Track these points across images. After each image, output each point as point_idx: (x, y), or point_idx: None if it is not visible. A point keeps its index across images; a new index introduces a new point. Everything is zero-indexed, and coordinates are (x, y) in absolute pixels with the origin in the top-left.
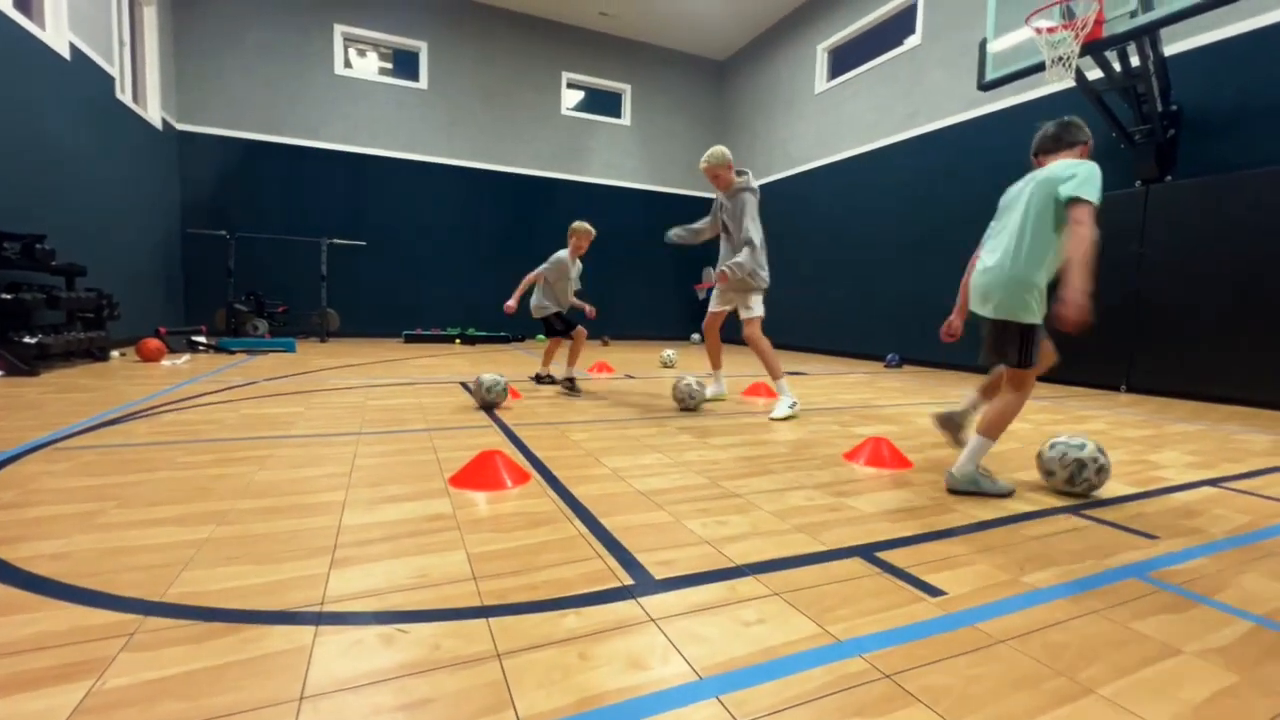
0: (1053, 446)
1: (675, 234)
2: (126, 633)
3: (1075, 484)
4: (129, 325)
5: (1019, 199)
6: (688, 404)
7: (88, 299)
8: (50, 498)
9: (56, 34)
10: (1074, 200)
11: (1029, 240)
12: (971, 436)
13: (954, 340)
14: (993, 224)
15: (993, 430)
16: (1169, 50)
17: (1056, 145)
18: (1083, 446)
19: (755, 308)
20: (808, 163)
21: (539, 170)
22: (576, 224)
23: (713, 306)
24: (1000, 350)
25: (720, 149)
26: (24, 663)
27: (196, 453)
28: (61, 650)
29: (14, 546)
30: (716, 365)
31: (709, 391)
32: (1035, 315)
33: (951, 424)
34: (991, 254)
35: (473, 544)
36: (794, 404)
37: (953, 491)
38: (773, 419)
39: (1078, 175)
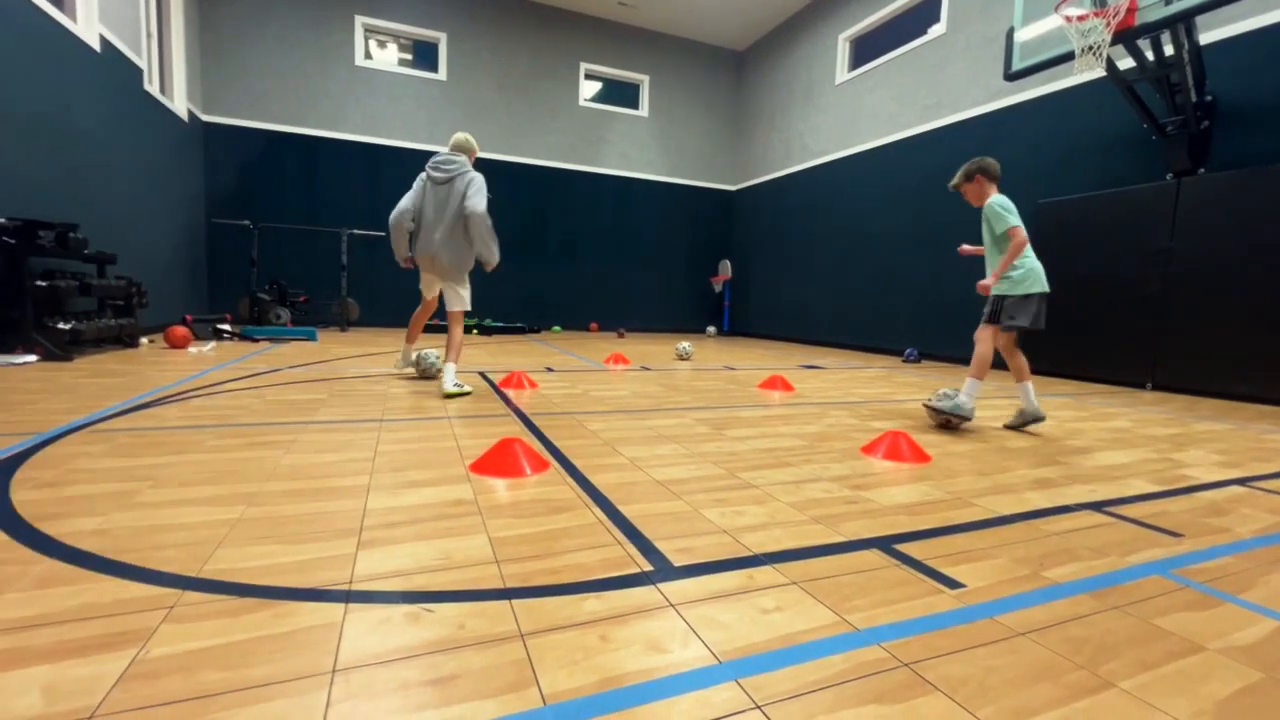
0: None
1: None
2: (166, 605)
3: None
4: (156, 313)
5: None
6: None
7: (118, 287)
8: (88, 477)
9: (87, 26)
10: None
11: None
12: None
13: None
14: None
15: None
16: (1204, 39)
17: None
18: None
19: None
20: (827, 155)
21: (556, 162)
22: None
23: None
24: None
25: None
26: (72, 631)
27: (225, 436)
28: (106, 620)
29: (56, 523)
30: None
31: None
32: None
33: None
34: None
35: (494, 528)
36: (459, 385)
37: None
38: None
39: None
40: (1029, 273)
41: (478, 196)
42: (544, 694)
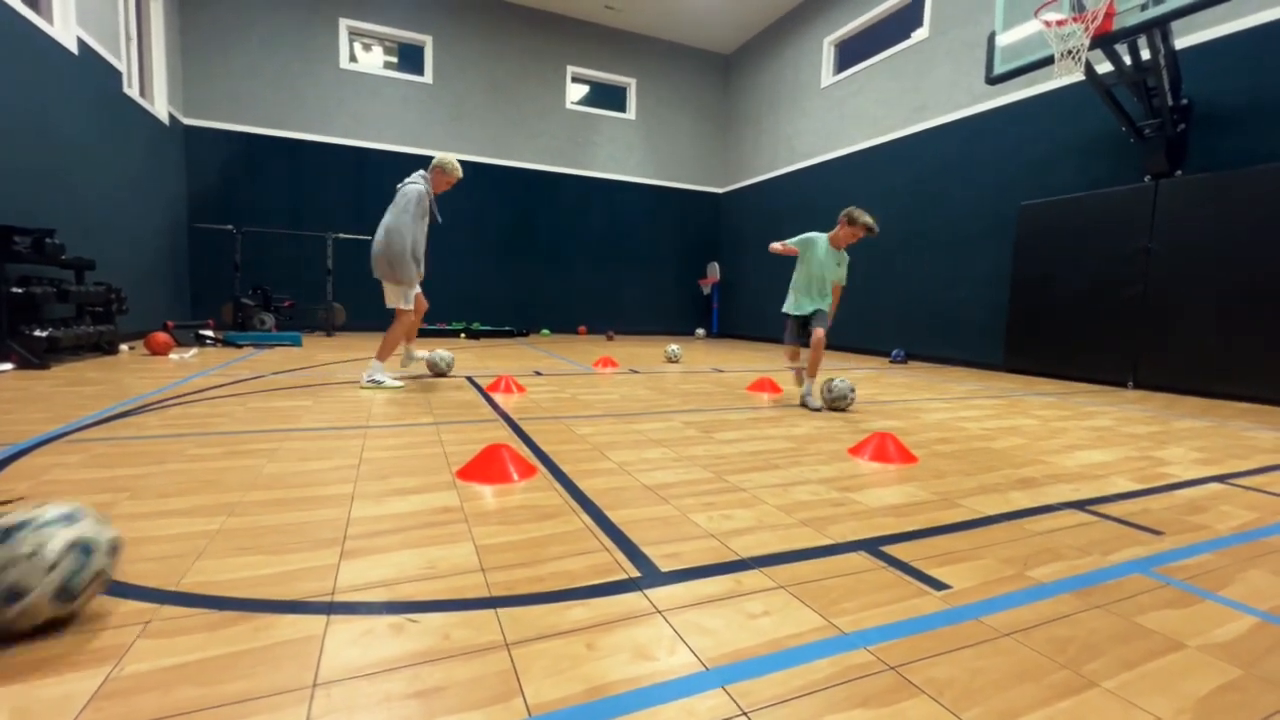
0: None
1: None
2: (142, 620)
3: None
4: (137, 319)
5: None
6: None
7: (97, 293)
8: (63, 489)
9: (64, 28)
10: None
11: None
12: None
13: None
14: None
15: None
16: (1180, 44)
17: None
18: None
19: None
20: (813, 157)
21: (543, 165)
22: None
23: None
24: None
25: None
26: (43, 649)
27: (206, 445)
28: (79, 637)
29: None
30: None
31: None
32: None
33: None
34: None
35: (480, 536)
36: (384, 381)
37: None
38: (363, 386)
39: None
40: None
41: (393, 210)
42: (529, 704)
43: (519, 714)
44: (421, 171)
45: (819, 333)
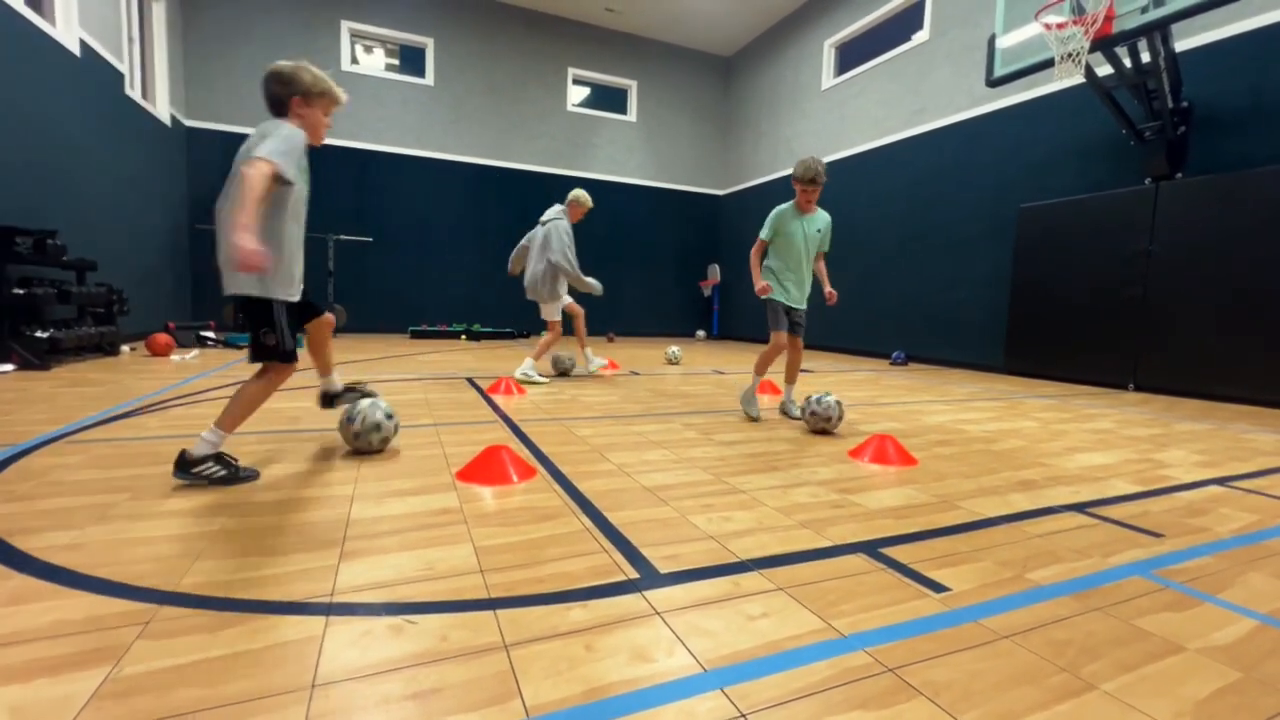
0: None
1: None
2: (142, 621)
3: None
4: (138, 320)
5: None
6: (564, 367)
7: (98, 294)
8: (64, 489)
9: (67, 30)
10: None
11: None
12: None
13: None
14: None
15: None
16: (1180, 46)
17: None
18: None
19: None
20: None
21: (544, 167)
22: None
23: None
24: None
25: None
26: (43, 650)
27: None
28: (79, 638)
29: (29, 537)
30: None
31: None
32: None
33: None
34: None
35: (480, 537)
36: (527, 374)
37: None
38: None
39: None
40: None
41: (549, 245)
42: (527, 706)
43: (517, 715)
44: (559, 205)
45: (800, 340)
